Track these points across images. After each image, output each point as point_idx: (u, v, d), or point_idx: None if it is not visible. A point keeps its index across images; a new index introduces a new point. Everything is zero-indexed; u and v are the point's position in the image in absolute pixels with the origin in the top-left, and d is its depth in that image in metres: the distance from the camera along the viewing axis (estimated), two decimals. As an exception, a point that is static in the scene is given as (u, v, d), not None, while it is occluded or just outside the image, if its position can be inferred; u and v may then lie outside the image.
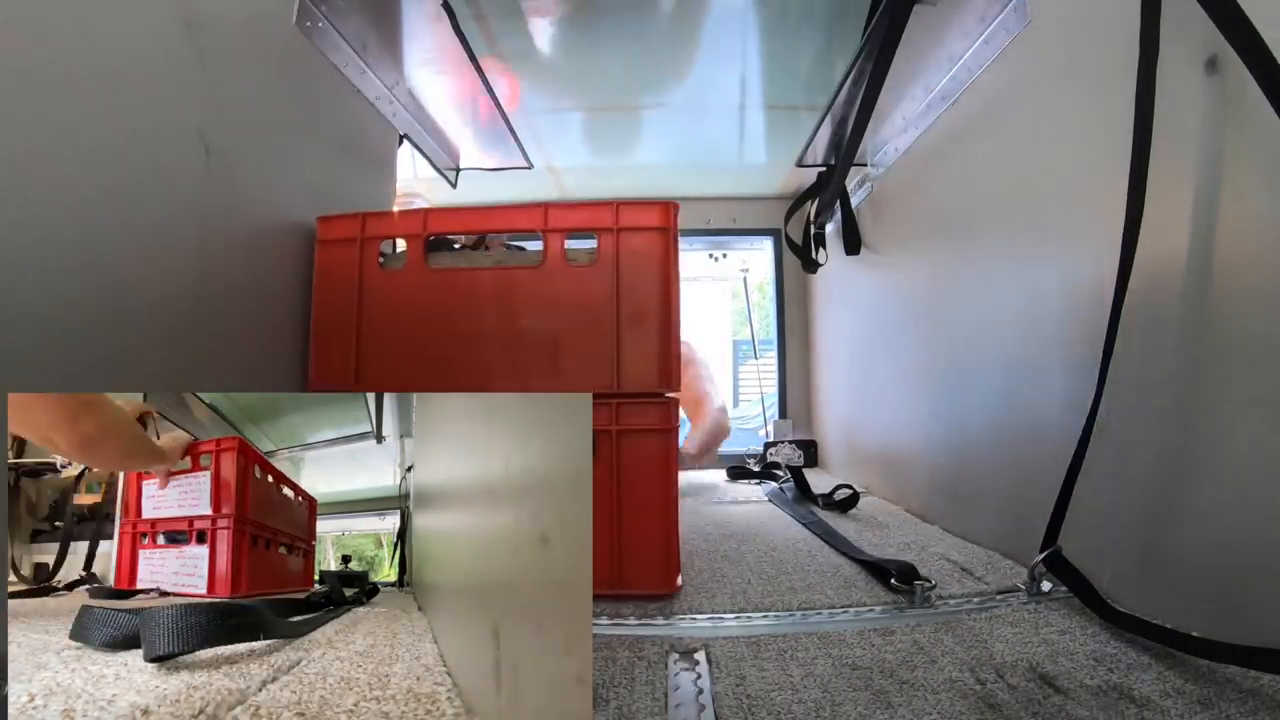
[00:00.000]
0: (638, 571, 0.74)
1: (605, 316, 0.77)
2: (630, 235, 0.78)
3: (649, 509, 0.75)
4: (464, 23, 1.18)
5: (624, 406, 0.75)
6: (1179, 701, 0.47)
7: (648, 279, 0.77)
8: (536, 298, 0.79)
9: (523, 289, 0.79)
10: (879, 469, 1.46)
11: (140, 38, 0.59)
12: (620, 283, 0.77)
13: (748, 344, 2.97)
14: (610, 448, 0.75)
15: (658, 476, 0.75)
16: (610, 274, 0.77)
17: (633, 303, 0.77)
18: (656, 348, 0.77)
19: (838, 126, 1.40)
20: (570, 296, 0.78)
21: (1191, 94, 0.58)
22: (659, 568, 0.74)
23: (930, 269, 1.20)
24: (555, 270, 0.78)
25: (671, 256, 0.78)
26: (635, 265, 0.77)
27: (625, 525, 0.74)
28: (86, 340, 0.54)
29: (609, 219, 0.78)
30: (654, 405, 0.76)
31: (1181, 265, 0.60)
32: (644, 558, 0.74)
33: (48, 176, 0.50)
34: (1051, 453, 0.72)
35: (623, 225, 0.78)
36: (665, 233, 0.78)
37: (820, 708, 0.49)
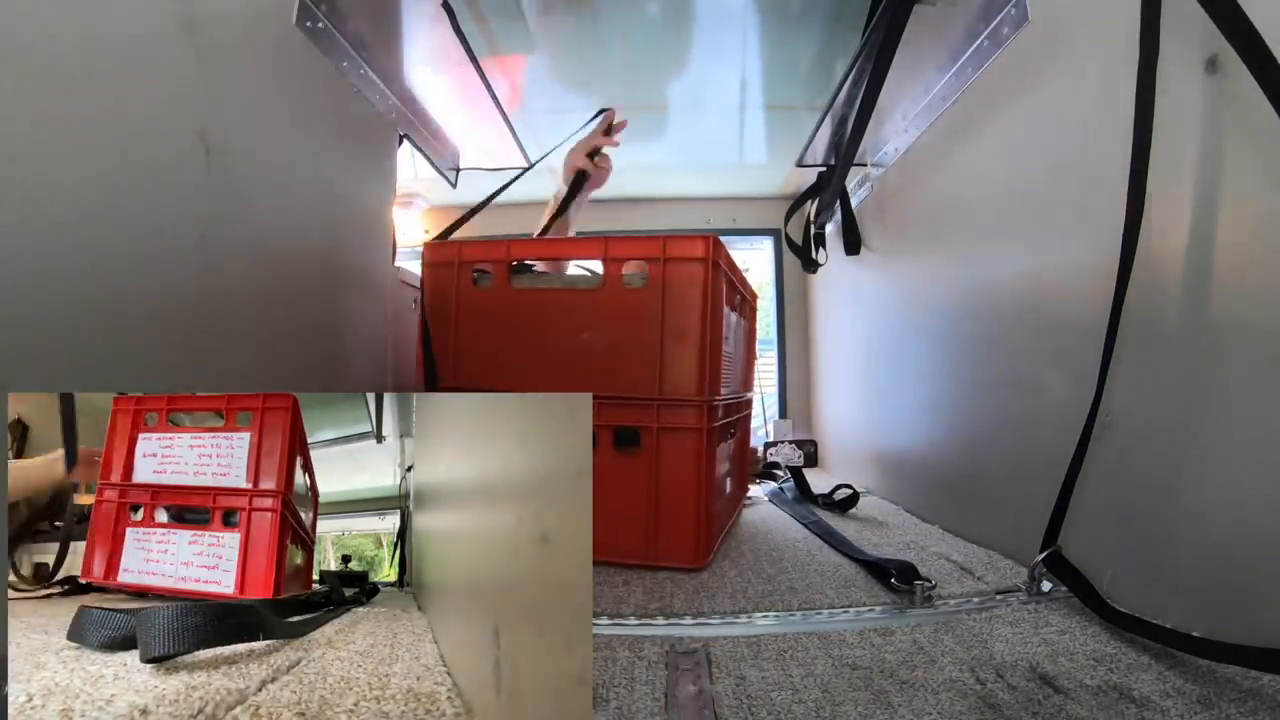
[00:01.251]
0: (671, 547, 0.87)
1: (652, 332, 0.89)
2: (676, 265, 0.88)
3: (683, 494, 0.87)
4: (464, 23, 1.18)
5: (664, 408, 0.88)
6: (1179, 701, 0.47)
7: (689, 302, 0.88)
8: (597, 315, 0.91)
9: (585, 307, 0.92)
10: (879, 469, 1.46)
11: (140, 38, 0.59)
12: (666, 304, 0.88)
13: (748, 344, 2.95)
14: (652, 442, 0.88)
15: (691, 468, 0.88)
16: (658, 296, 0.89)
17: (676, 321, 0.88)
18: (695, 360, 0.87)
19: (838, 126, 1.40)
20: (624, 314, 0.90)
21: (1191, 94, 0.58)
22: (690, 545, 0.87)
23: (930, 269, 1.20)
24: (613, 292, 0.91)
25: (711, 281, 0.88)
26: (680, 290, 0.88)
27: (661, 508, 0.87)
28: (86, 340, 0.54)
29: (657, 250, 0.89)
30: (689, 407, 0.88)
31: (1181, 265, 0.60)
32: (677, 535, 0.87)
33: (48, 177, 0.50)
34: (1051, 453, 0.72)
35: (670, 256, 0.89)
36: (705, 263, 0.88)
37: (820, 708, 0.49)
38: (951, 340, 1.09)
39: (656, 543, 0.87)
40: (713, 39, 1.31)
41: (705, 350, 0.88)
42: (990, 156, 0.96)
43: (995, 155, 0.95)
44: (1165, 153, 0.60)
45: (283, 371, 0.81)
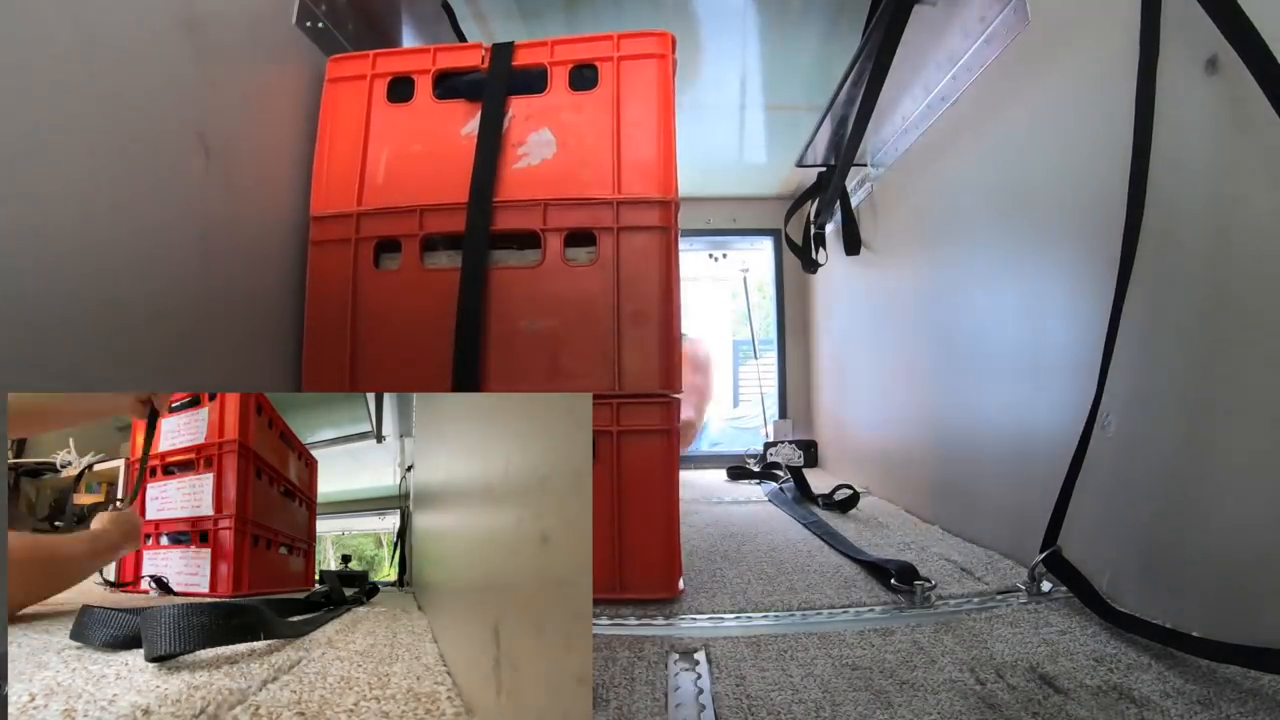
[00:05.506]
0: (639, 575, 0.73)
1: (605, 316, 0.76)
2: (631, 235, 0.77)
3: (650, 511, 0.74)
4: (463, 22, 1.18)
5: (625, 407, 0.75)
6: (1179, 701, 0.47)
7: (646, 277, 0.76)
8: (536, 298, 0.77)
9: (520, 289, 0.78)
10: (879, 469, 1.46)
11: (140, 38, 0.59)
12: (621, 282, 0.76)
13: (748, 344, 2.96)
14: (611, 449, 0.74)
15: (659, 478, 0.75)
16: (611, 274, 0.76)
17: (634, 304, 0.76)
18: (658, 348, 0.76)
19: (838, 126, 1.40)
20: (569, 296, 0.77)
21: (1191, 94, 0.58)
22: (661, 571, 0.74)
23: (930, 269, 1.20)
24: (554, 270, 0.77)
25: (673, 256, 0.77)
26: (636, 265, 0.76)
27: (626, 528, 0.74)
28: (86, 341, 0.54)
29: (609, 219, 0.77)
30: (655, 406, 0.75)
31: (1181, 265, 0.60)
32: (645, 561, 0.74)
33: (48, 177, 0.50)
34: (1051, 453, 0.72)
35: (623, 225, 0.76)
36: (666, 232, 0.77)
37: (820, 708, 0.49)
38: (951, 340, 1.09)
39: (622, 571, 0.73)
40: (713, 39, 1.32)
41: (670, 335, 0.76)
42: (990, 156, 0.96)
43: (995, 155, 0.95)
44: (1165, 153, 0.60)
45: (282, 370, 0.81)
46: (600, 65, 0.81)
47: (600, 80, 0.80)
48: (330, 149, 0.84)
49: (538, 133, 0.80)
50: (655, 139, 0.78)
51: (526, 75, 0.82)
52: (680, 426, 1.47)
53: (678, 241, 0.79)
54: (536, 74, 0.82)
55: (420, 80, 0.84)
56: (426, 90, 0.83)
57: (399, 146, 0.83)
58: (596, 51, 0.81)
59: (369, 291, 0.80)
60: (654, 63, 0.80)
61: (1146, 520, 0.63)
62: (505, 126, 0.81)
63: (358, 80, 0.85)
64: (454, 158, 0.80)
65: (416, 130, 0.83)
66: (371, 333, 0.80)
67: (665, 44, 0.81)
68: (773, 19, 1.25)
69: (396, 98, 0.84)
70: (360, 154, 0.83)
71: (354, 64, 0.86)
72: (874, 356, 1.54)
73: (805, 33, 1.29)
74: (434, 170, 0.81)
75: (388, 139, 0.83)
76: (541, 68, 0.82)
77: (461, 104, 0.83)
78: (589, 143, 0.79)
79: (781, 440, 2.07)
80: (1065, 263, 0.78)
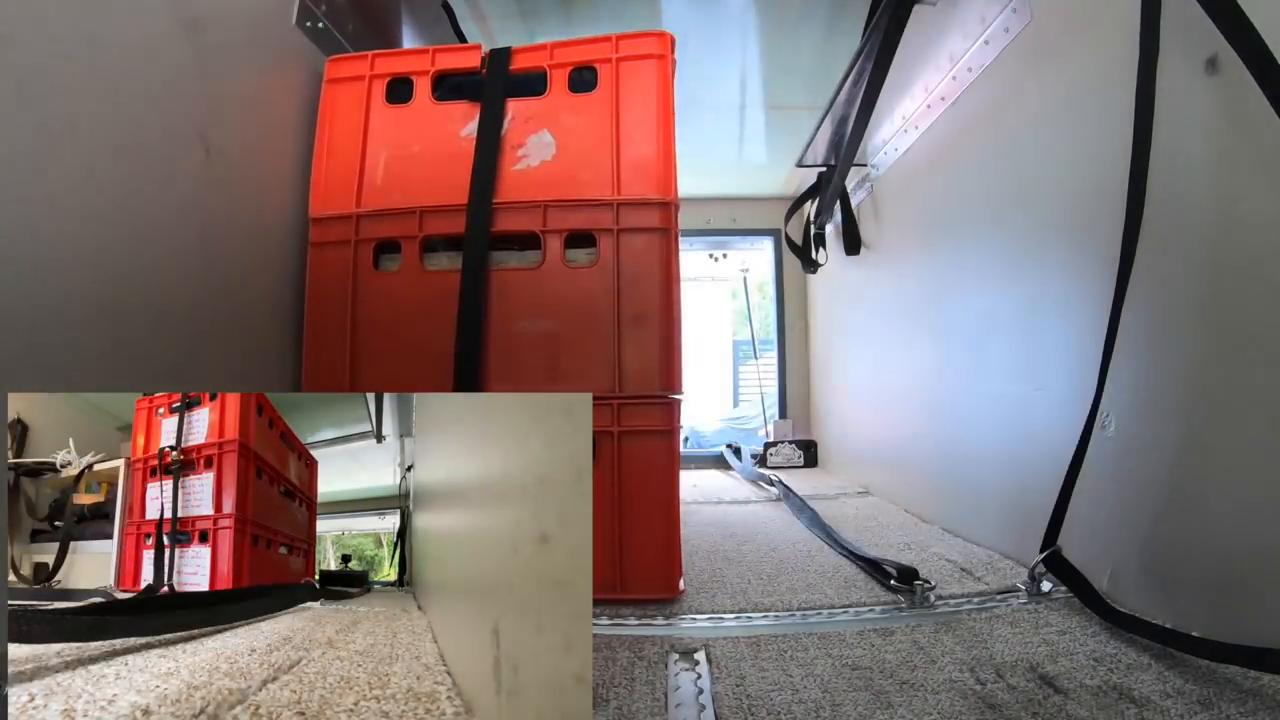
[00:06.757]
0: (639, 575, 0.73)
1: (606, 316, 0.76)
2: (631, 236, 0.77)
3: (651, 511, 0.74)
4: (463, 23, 1.18)
5: (625, 407, 0.75)
6: (1179, 701, 0.47)
7: (648, 276, 0.76)
8: (537, 299, 0.77)
9: (520, 290, 0.78)
10: (879, 469, 1.46)
11: (140, 38, 0.59)
12: (621, 284, 0.76)
13: (748, 344, 2.96)
14: (611, 449, 0.74)
15: (660, 479, 0.75)
16: (611, 275, 0.76)
17: (634, 305, 0.76)
18: (658, 349, 0.76)
19: (838, 126, 1.40)
20: (569, 297, 0.77)
21: (1191, 94, 0.58)
22: (661, 571, 0.74)
23: (930, 268, 1.20)
24: (554, 271, 0.77)
25: (673, 257, 0.77)
26: (636, 266, 0.76)
27: (626, 528, 0.74)
28: (87, 341, 0.54)
29: (609, 220, 0.77)
30: (656, 406, 0.75)
31: (1181, 265, 0.60)
32: (646, 561, 0.74)
33: (49, 177, 0.50)
34: (1051, 453, 0.72)
35: (623, 226, 0.77)
36: (666, 233, 0.77)
37: (820, 708, 0.49)
38: (951, 340, 1.09)
39: (622, 571, 0.73)
40: (713, 39, 1.32)
41: (670, 336, 0.76)
42: (990, 156, 0.96)
43: (995, 155, 0.95)
44: (1165, 152, 0.60)
45: (281, 370, 0.81)
46: (599, 67, 0.80)
47: (599, 82, 0.80)
48: (329, 150, 0.84)
49: (537, 134, 0.80)
50: (655, 140, 0.78)
51: (526, 78, 0.82)
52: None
53: (678, 242, 0.79)
54: (536, 77, 0.82)
55: (419, 81, 0.84)
56: (425, 91, 0.83)
57: (398, 148, 0.83)
58: (595, 54, 0.81)
59: (369, 292, 0.80)
60: (653, 63, 0.80)
61: (1146, 520, 0.63)
62: (504, 129, 0.81)
63: (356, 81, 0.84)
64: (453, 159, 0.80)
65: (415, 131, 0.83)
66: (371, 333, 0.80)
67: (664, 44, 0.81)
68: (773, 19, 1.25)
69: (395, 99, 0.84)
70: (359, 155, 0.83)
71: (352, 65, 0.85)
72: (874, 356, 1.54)
73: (805, 33, 1.29)
74: (433, 171, 0.81)
75: (387, 140, 0.83)
76: (541, 71, 0.82)
77: (461, 105, 0.83)
78: (588, 144, 0.79)
79: (782, 440, 2.07)
80: (1065, 262, 0.78)
